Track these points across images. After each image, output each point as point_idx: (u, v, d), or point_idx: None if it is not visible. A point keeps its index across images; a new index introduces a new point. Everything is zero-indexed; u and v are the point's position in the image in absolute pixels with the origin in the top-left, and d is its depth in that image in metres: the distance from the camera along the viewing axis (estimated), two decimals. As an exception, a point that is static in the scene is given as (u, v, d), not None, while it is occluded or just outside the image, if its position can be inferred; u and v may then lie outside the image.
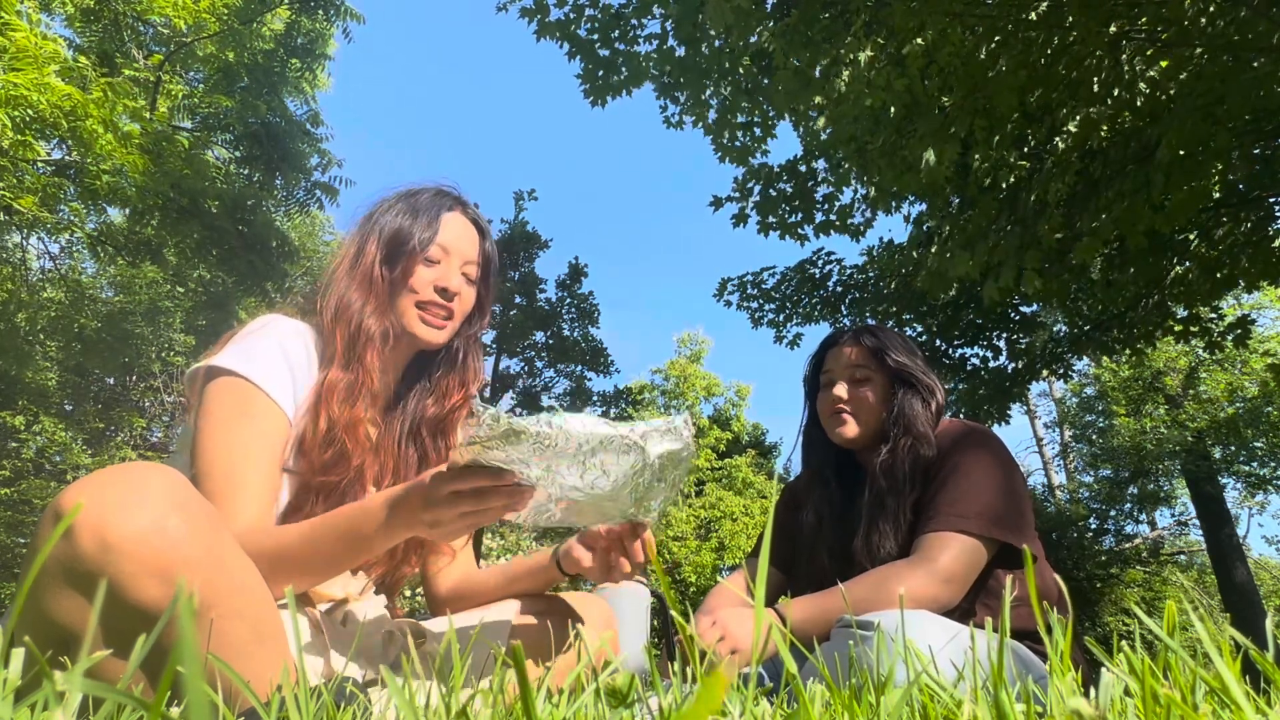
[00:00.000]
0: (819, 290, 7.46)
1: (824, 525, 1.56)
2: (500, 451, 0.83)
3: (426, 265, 1.20)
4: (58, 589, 0.73)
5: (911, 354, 1.54)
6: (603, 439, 0.85)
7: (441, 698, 0.59)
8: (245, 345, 1.09)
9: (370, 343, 1.14)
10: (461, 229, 1.25)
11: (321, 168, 8.60)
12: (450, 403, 1.27)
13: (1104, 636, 11.79)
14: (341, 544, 0.95)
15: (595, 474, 0.88)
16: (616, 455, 0.87)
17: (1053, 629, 0.54)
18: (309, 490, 1.08)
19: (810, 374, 1.65)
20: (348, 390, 1.11)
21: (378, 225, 1.22)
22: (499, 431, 0.81)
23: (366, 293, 1.18)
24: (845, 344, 1.57)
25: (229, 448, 1.01)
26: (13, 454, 10.58)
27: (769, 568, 1.63)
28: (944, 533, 1.30)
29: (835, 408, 1.54)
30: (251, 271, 7.59)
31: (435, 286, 1.19)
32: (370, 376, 1.13)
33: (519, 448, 0.83)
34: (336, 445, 1.08)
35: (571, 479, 0.87)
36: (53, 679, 0.29)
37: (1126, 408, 13.35)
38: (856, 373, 1.53)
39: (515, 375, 12.04)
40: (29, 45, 5.12)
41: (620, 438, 0.85)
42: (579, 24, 5.22)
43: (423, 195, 1.26)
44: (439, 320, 1.20)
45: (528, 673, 0.35)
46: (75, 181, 6.87)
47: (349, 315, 1.15)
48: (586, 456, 0.86)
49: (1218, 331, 5.11)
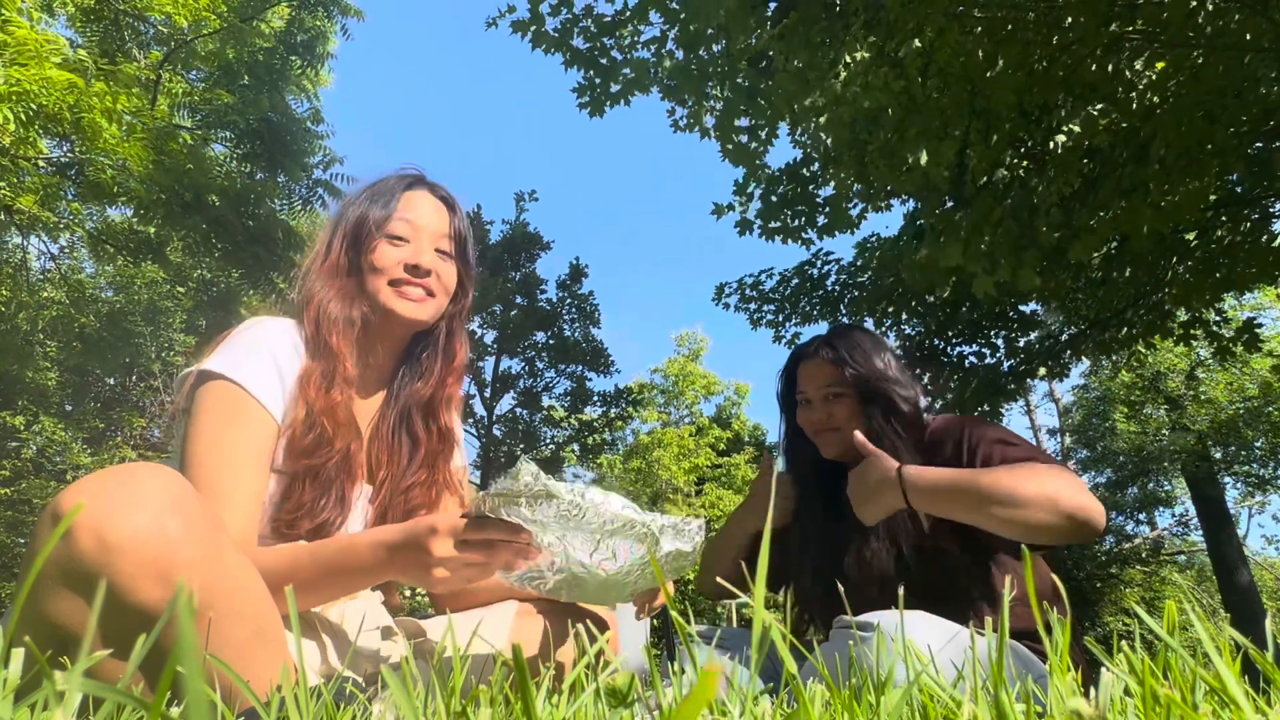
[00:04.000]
0: (818, 291, 7.47)
1: (810, 536, 1.56)
2: (526, 509, 0.83)
3: (392, 244, 1.20)
4: (57, 590, 0.73)
5: (876, 356, 1.50)
6: (625, 523, 0.86)
7: (441, 697, 0.59)
8: (234, 349, 1.09)
9: (334, 327, 1.15)
10: (429, 205, 1.25)
11: (323, 165, 8.60)
12: (433, 381, 1.26)
13: (1104, 636, 11.79)
14: (325, 577, 0.94)
15: (604, 555, 0.89)
16: (631, 543, 0.88)
17: (1052, 628, 0.54)
18: (297, 478, 1.08)
19: (784, 390, 1.63)
20: (322, 377, 1.11)
21: (343, 218, 1.24)
22: (534, 490, 0.82)
23: (330, 279, 1.19)
24: (811, 361, 1.55)
25: (217, 456, 1.01)
26: (13, 454, 10.58)
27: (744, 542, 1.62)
28: (1044, 464, 1.25)
29: (818, 427, 1.53)
30: (258, 263, 7.58)
31: (405, 265, 1.19)
32: (341, 362, 1.13)
33: (545, 510, 0.83)
34: (316, 430, 1.08)
35: (581, 554, 0.88)
36: (53, 679, 0.29)
37: (1127, 409, 13.35)
38: (829, 390, 1.51)
39: (516, 375, 12.03)
40: (31, 39, 5.13)
41: (641, 524, 0.87)
42: (573, 35, 5.18)
43: (385, 181, 1.27)
44: (417, 296, 1.20)
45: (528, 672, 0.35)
46: (77, 179, 6.87)
47: (313, 302, 1.17)
48: (604, 536, 0.87)
49: (1228, 337, 5.07)
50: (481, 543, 0.86)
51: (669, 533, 0.90)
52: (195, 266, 9.83)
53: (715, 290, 7.62)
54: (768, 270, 7.57)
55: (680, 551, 0.92)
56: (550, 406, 12.14)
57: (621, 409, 12.22)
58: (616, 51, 5.22)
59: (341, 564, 0.94)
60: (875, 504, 1.31)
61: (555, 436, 12.45)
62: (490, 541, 0.85)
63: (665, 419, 20.35)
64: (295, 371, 1.12)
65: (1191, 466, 11.49)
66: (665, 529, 0.89)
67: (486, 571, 0.88)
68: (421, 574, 0.89)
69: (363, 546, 0.93)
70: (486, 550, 0.86)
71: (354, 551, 0.93)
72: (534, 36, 5.14)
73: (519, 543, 0.85)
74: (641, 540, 0.88)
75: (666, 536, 0.90)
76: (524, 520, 0.84)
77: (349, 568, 0.94)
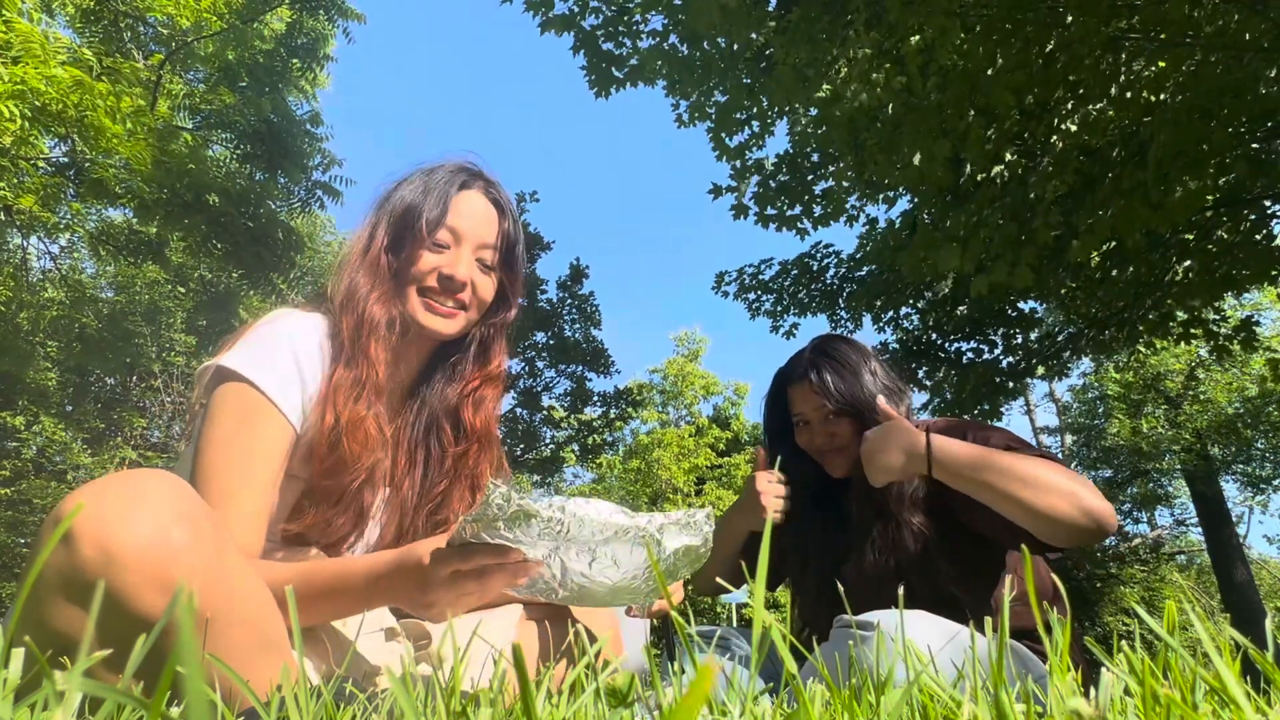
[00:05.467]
0: (817, 284, 7.49)
1: (810, 552, 1.55)
2: (508, 531, 0.79)
3: (434, 250, 1.13)
4: (58, 598, 0.72)
5: (863, 369, 1.48)
6: (617, 530, 0.81)
7: (442, 697, 0.59)
8: (255, 345, 1.04)
9: (374, 332, 1.08)
10: (478, 208, 1.17)
11: (322, 167, 8.61)
12: (464, 388, 1.21)
13: (1104, 636, 11.79)
14: (316, 602, 0.93)
15: (605, 564, 0.84)
16: (630, 548, 0.83)
17: (1052, 628, 0.54)
18: (312, 492, 1.05)
19: (773, 417, 1.60)
20: (352, 386, 1.06)
21: (390, 205, 1.16)
22: (508, 514, 0.78)
23: (372, 278, 1.12)
24: (801, 385, 1.52)
25: (228, 462, 0.98)
26: (13, 454, 10.58)
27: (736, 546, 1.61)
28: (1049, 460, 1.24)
29: (823, 449, 1.51)
30: (259, 263, 7.58)
31: (440, 274, 1.13)
32: (375, 369, 1.07)
33: (528, 530, 0.79)
34: (338, 450, 1.04)
35: (579, 566, 0.83)
36: (53, 679, 0.29)
37: (1127, 409, 13.35)
38: (826, 410, 1.48)
39: (516, 375, 12.04)
40: (37, 37, 5.13)
41: (636, 529, 0.82)
42: (584, 16, 5.24)
43: (439, 172, 1.18)
44: (445, 309, 1.14)
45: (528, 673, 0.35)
46: (77, 180, 6.87)
47: (355, 303, 1.10)
48: (598, 546, 0.82)
49: (1224, 335, 5.08)
50: (474, 572, 0.82)
51: (671, 530, 0.85)
52: (195, 267, 9.83)
53: (715, 278, 7.66)
54: (767, 260, 7.61)
55: (689, 546, 0.87)
56: (550, 407, 12.14)
57: (621, 409, 12.22)
58: (626, 38, 5.28)
59: (334, 590, 0.92)
60: (890, 466, 1.28)
61: (555, 437, 12.45)
62: (484, 568, 0.82)
63: (664, 419, 20.36)
64: (318, 373, 1.07)
65: (1190, 464, 11.50)
66: (666, 527, 0.85)
67: (486, 596, 0.85)
68: (417, 607, 0.86)
69: (355, 576, 0.91)
70: (478, 578, 0.83)
71: (347, 579, 0.91)
72: (545, 20, 5.22)
73: (511, 562, 0.82)
74: (640, 544, 0.83)
75: (669, 534, 0.85)
76: (508, 542, 0.80)
77: (340, 595, 0.92)
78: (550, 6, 5.21)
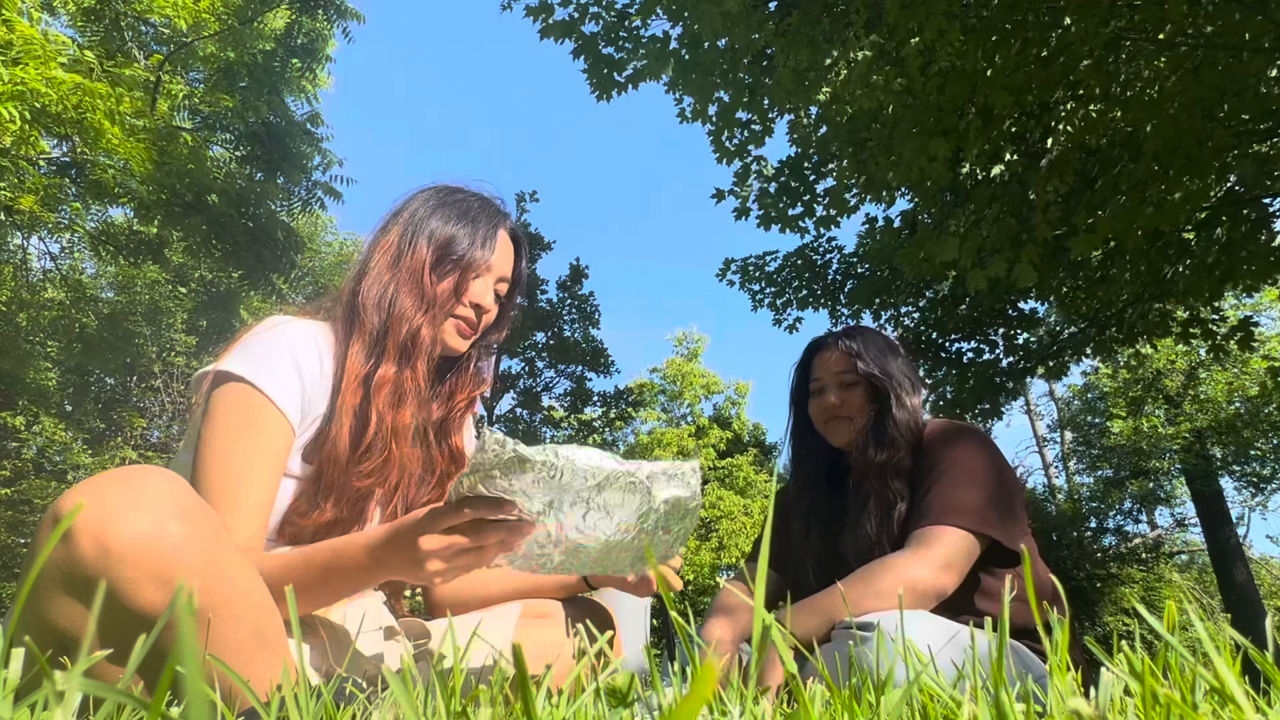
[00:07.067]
0: (819, 280, 7.50)
1: (813, 530, 1.58)
2: (504, 480, 0.80)
3: (475, 281, 1.20)
4: (58, 595, 0.72)
5: (890, 355, 1.57)
6: (609, 475, 0.82)
7: (442, 697, 0.59)
8: (254, 349, 1.05)
9: (423, 351, 1.13)
10: (504, 245, 1.24)
11: (322, 167, 8.62)
12: (454, 404, 1.25)
13: (1104, 636, 11.79)
14: (318, 582, 0.93)
15: (598, 514, 0.85)
16: (621, 494, 0.84)
17: (1052, 628, 0.54)
18: (331, 489, 1.05)
19: (798, 383, 1.67)
20: (394, 391, 1.09)
21: (427, 227, 1.18)
22: (504, 458, 0.78)
23: (419, 298, 1.14)
24: (829, 350, 1.60)
25: (229, 461, 0.99)
26: (13, 454, 10.58)
27: (768, 570, 1.64)
28: (937, 526, 1.32)
29: (830, 414, 1.56)
30: (259, 264, 7.58)
31: (472, 302, 1.19)
32: (420, 383, 1.12)
33: (523, 478, 0.80)
34: (382, 452, 1.07)
35: (574, 518, 0.84)
36: (53, 679, 0.29)
37: (1126, 408, 13.35)
38: (844, 378, 1.56)
39: (516, 375, 12.04)
40: (37, 38, 5.14)
41: (626, 474, 0.83)
42: (584, 21, 5.25)
43: (471, 202, 1.22)
44: (468, 333, 1.20)
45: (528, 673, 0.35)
46: (77, 180, 6.88)
47: (402, 317, 1.12)
48: (591, 494, 0.83)
49: (1221, 334, 5.08)
50: (469, 525, 0.83)
51: (660, 479, 0.85)
52: (196, 267, 9.84)
53: (720, 265, 7.67)
54: (772, 253, 7.61)
55: (678, 499, 0.87)
56: (550, 407, 12.14)
57: (621, 409, 12.23)
58: (627, 43, 5.29)
59: (334, 567, 0.92)
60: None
61: (555, 437, 12.45)
62: (478, 522, 0.83)
63: (666, 418, 20.36)
64: (318, 374, 1.09)
65: (1190, 464, 11.50)
66: (655, 476, 0.85)
67: (482, 556, 0.85)
68: (414, 569, 0.86)
69: (354, 548, 0.91)
70: (475, 533, 0.83)
71: (346, 554, 0.92)
72: (544, 26, 5.21)
73: (506, 516, 0.82)
74: (632, 490, 0.84)
75: (658, 484, 0.85)
76: (505, 492, 0.81)
77: (342, 571, 0.92)
78: (550, 12, 5.22)
